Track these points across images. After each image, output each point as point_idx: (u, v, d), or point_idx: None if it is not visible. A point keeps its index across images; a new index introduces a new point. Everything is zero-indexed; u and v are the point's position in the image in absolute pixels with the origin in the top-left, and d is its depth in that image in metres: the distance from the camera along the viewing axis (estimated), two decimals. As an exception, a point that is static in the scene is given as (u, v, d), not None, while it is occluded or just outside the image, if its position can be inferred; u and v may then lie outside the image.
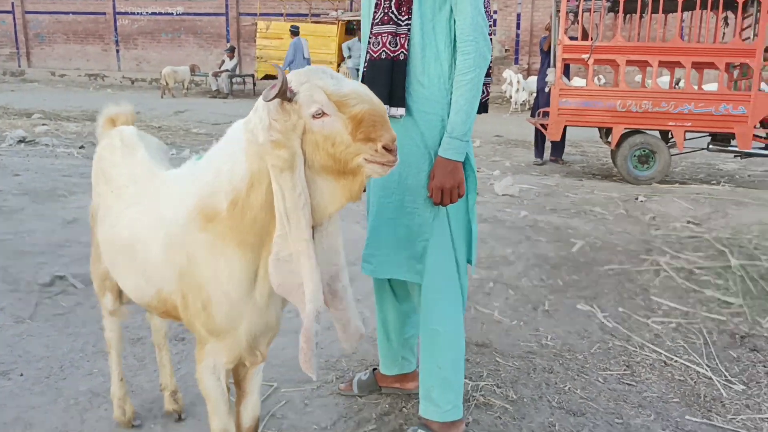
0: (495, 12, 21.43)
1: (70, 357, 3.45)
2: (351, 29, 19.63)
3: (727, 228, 6.52)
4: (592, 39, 8.75)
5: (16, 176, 7.36)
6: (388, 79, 2.48)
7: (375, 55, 2.55)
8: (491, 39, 2.57)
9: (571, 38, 9.20)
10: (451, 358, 2.69)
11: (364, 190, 2.14)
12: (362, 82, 2.43)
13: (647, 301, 4.53)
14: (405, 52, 2.50)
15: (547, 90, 9.55)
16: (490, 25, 2.55)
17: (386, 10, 2.52)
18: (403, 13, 2.49)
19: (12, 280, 4.37)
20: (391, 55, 2.51)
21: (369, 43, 2.58)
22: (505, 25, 22.02)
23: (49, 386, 3.17)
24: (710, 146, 8.96)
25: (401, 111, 2.50)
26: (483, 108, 2.64)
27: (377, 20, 2.55)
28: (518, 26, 21.85)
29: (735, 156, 9.16)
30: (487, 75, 2.62)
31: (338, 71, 19.51)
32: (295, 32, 16.81)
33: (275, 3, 22.45)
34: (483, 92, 2.54)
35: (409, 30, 2.49)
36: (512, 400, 3.13)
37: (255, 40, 20.32)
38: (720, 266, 5.26)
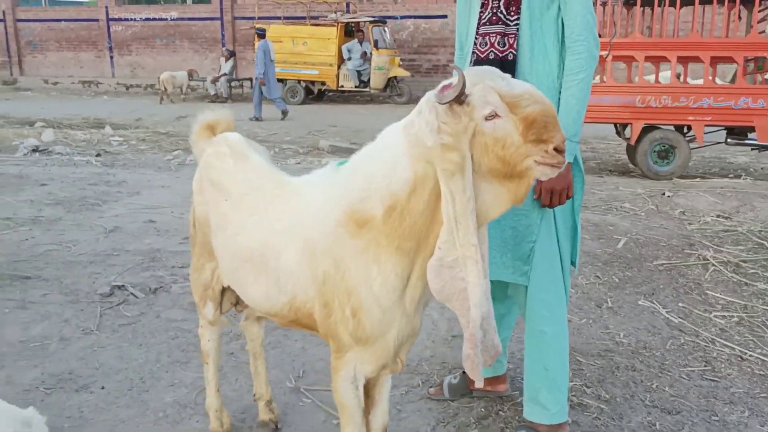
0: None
1: (148, 368, 3.40)
2: (349, 31, 19.58)
3: (757, 221, 6.56)
4: (611, 36, 8.77)
5: (43, 186, 7.27)
6: (498, 79, 2.47)
7: (482, 56, 2.53)
8: None
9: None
10: (558, 359, 2.67)
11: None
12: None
13: (703, 296, 4.54)
14: (514, 51, 2.48)
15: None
16: None
17: (494, 10, 2.50)
18: (512, 13, 2.47)
19: (70, 292, 4.31)
20: (500, 55, 2.49)
21: (475, 43, 2.56)
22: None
23: (134, 399, 3.13)
24: (728, 140, 9.00)
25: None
26: None
27: (485, 20, 2.53)
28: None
29: (753, 149, 9.21)
30: None
31: (338, 73, 19.49)
32: (261, 35, 16.84)
33: (270, 6, 22.35)
34: None
35: (517, 30, 2.47)
36: (605, 400, 3.12)
37: (253, 44, 20.22)
38: (764, 259, 5.29)
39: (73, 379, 3.28)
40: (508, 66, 2.48)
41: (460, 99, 1.67)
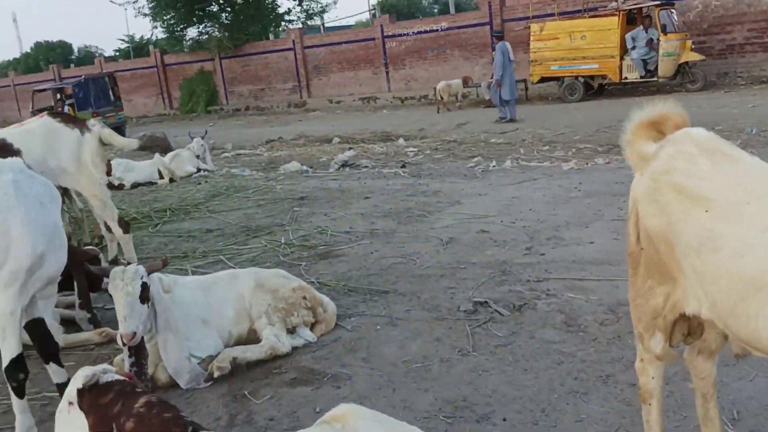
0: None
1: (544, 398, 3.06)
2: (632, 18, 18.20)
3: None
4: None
5: (367, 199, 7.52)
6: None
7: None
8: None
9: None
10: None
11: None
12: None
13: None
14: None
15: None
16: None
17: None
18: None
19: (431, 308, 4.18)
20: None
21: None
22: None
23: (543, 435, 2.79)
24: None
25: None
26: None
27: None
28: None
29: None
30: None
31: (620, 65, 18.22)
32: (499, 37, 17.03)
33: (541, 4, 21.71)
34: None
35: None
36: None
37: (528, 44, 19.76)
38: None
39: (469, 407, 3.05)
40: None
41: None
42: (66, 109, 20.88)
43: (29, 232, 2.92)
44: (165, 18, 30.57)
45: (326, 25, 36.20)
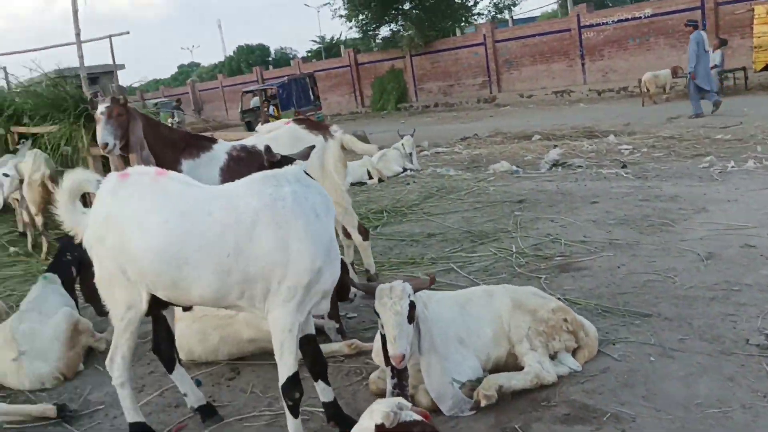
0: None
1: None
2: None
3: None
4: None
5: (594, 203, 6.99)
6: None
7: None
8: None
9: None
10: None
11: None
12: None
13: None
14: None
15: None
16: None
17: None
18: None
19: (711, 338, 3.64)
20: None
21: None
22: None
23: None
24: None
25: None
26: None
27: None
28: None
29: None
30: None
31: None
32: (693, 26, 15.75)
33: (764, -17, 19.50)
34: None
35: None
36: None
37: (750, 28, 17.82)
38: None
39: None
40: None
41: None
42: (271, 109, 22.15)
43: (308, 247, 2.84)
44: (359, 18, 31.47)
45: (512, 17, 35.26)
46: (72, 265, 4.97)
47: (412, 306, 3.08)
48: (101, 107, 4.36)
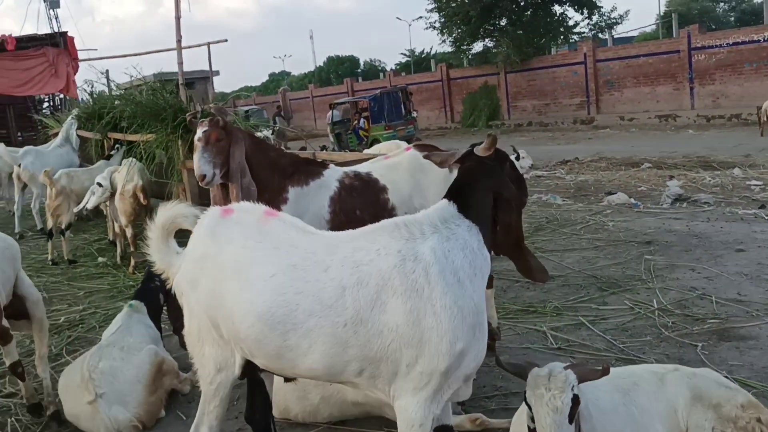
0: None
1: None
2: None
3: None
4: None
5: (740, 252, 6.06)
6: None
7: None
8: None
9: None
10: None
11: None
12: None
13: None
14: None
15: None
16: None
17: None
18: None
19: None
20: None
21: None
22: None
23: None
24: None
25: None
26: None
27: None
28: None
29: None
30: None
31: None
32: None
33: None
34: None
35: None
36: None
37: None
38: None
39: None
40: None
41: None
42: (361, 121, 21.80)
43: (447, 324, 2.22)
44: (454, 32, 30.85)
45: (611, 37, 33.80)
46: (160, 292, 4.54)
47: (576, 401, 2.38)
48: (199, 132, 3.88)
